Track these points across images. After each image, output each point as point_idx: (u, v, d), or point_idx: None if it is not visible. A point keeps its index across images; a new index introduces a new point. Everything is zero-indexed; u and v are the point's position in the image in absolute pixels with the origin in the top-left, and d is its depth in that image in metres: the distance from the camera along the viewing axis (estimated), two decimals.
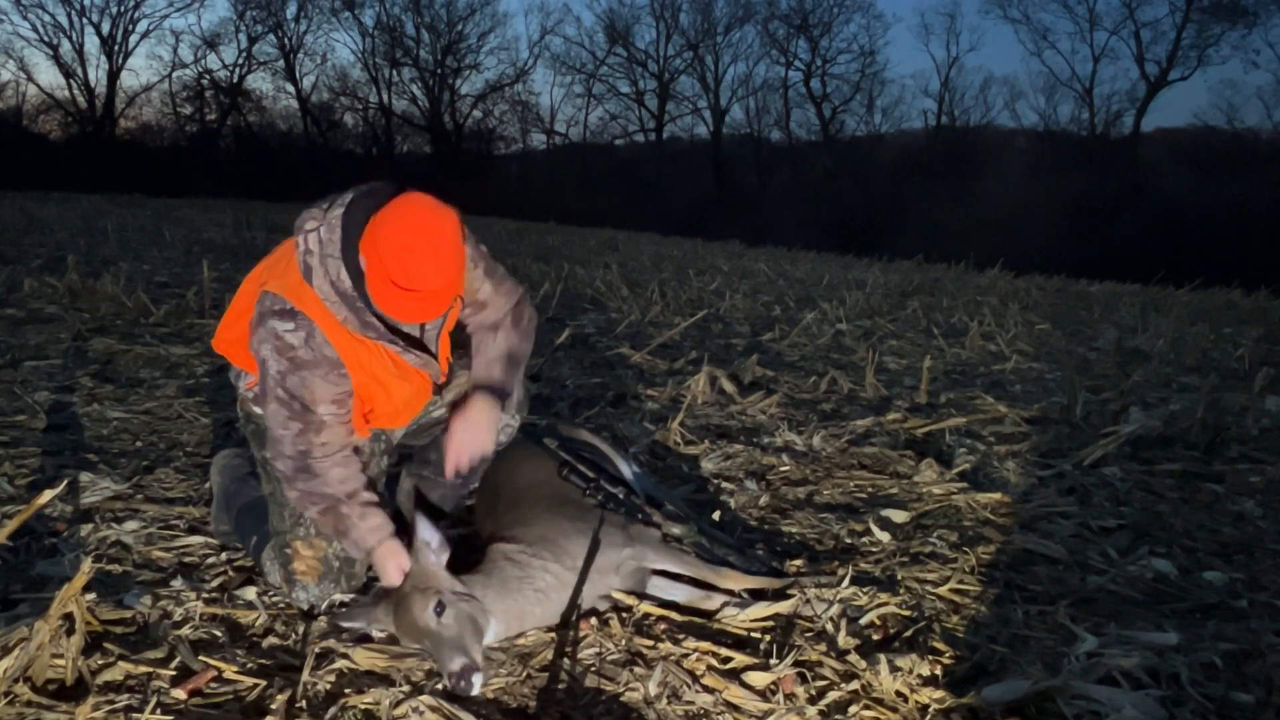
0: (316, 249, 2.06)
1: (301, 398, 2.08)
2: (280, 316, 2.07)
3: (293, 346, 2.07)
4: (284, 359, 2.07)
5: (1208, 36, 31.29)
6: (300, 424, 2.10)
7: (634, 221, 26.05)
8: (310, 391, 2.08)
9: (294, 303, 2.07)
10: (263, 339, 2.09)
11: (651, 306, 8.22)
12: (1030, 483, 3.49)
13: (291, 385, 2.08)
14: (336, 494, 2.15)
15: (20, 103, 34.20)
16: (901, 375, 5.76)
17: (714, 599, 2.29)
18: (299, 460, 2.12)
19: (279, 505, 2.31)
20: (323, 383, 2.09)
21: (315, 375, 2.08)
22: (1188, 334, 8.22)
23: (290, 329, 2.06)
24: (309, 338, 2.07)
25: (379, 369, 2.17)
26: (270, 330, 2.07)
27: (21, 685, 1.76)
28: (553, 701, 1.88)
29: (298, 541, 2.27)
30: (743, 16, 37.65)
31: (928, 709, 1.88)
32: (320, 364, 2.08)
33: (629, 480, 2.67)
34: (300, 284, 2.08)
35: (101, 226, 13.37)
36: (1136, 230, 24.39)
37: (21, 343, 5.13)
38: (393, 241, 1.90)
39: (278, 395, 2.09)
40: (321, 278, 2.06)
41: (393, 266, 1.89)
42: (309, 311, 2.06)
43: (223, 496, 2.59)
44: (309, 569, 2.26)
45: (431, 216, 1.94)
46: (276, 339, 2.07)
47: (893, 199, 30.59)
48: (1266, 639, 2.21)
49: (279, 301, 2.08)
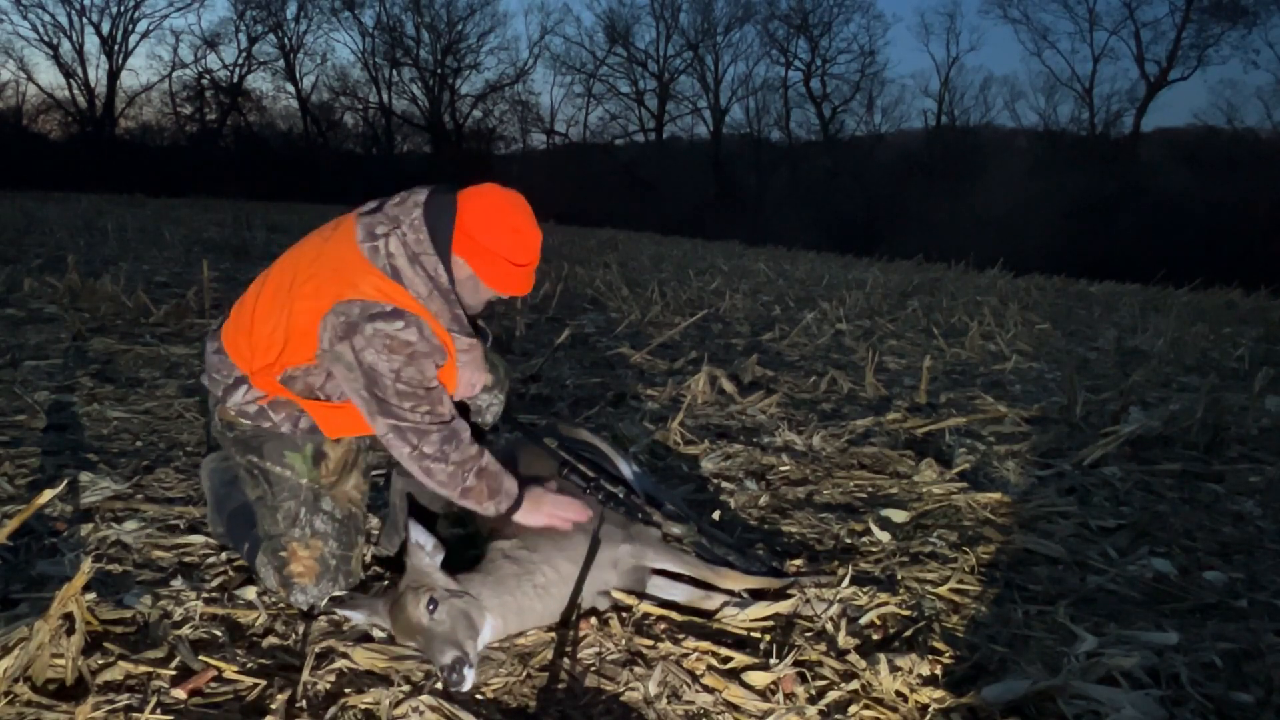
0: (401, 253, 2.14)
1: (421, 382, 2.15)
2: (385, 318, 2.10)
3: (410, 342, 2.12)
4: (400, 355, 2.11)
5: (1208, 36, 31.30)
6: (428, 404, 2.16)
7: (634, 221, 26.07)
8: (425, 373, 2.16)
9: (394, 304, 2.12)
10: (364, 345, 2.10)
11: (651, 306, 8.22)
12: (1030, 483, 3.49)
13: (409, 376, 2.13)
14: (476, 452, 2.22)
15: (20, 103, 34.22)
16: (901, 375, 5.76)
17: (714, 599, 2.29)
18: (441, 429, 2.17)
19: (270, 509, 2.30)
20: (431, 364, 2.18)
21: (429, 361, 2.16)
22: (1187, 334, 8.22)
23: (402, 326, 2.11)
24: (420, 329, 2.14)
25: (450, 365, 2.28)
26: (377, 332, 2.10)
27: (21, 685, 1.76)
28: (553, 701, 1.88)
29: (293, 543, 2.26)
30: (743, 16, 37.67)
31: (928, 709, 1.88)
32: (435, 352, 2.17)
33: (629, 480, 2.67)
34: (389, 285, 2.13)
35: (101, 226, 13.37)
36: (1136, 230, 24.38)
37: (21, 343, 5.13)
38: (502, 227, 2.13)
39: (398, 390, 2.13)
40: (415, 276, 2.14)
41: (509, 248, 2.13)
42: (409, 307, 2.13)
43: (214, 501, 2.58)
44: (306, 570, 2.26)
45: (516, 198, 2.20)
46: (388, 339, 2.10)
47: (893, 199, 30.59)
48: (1266, 639, 2.21)
49: (376, 307, 2.10)
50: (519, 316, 7.13)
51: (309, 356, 2.18)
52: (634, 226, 25.04)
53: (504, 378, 2.57)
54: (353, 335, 2.10)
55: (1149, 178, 29.57)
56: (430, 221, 2.16)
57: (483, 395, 2.49)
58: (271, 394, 2.26)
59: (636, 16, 42.94)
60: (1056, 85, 34.53)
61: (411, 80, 39.11)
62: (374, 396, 2.14)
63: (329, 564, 2.27)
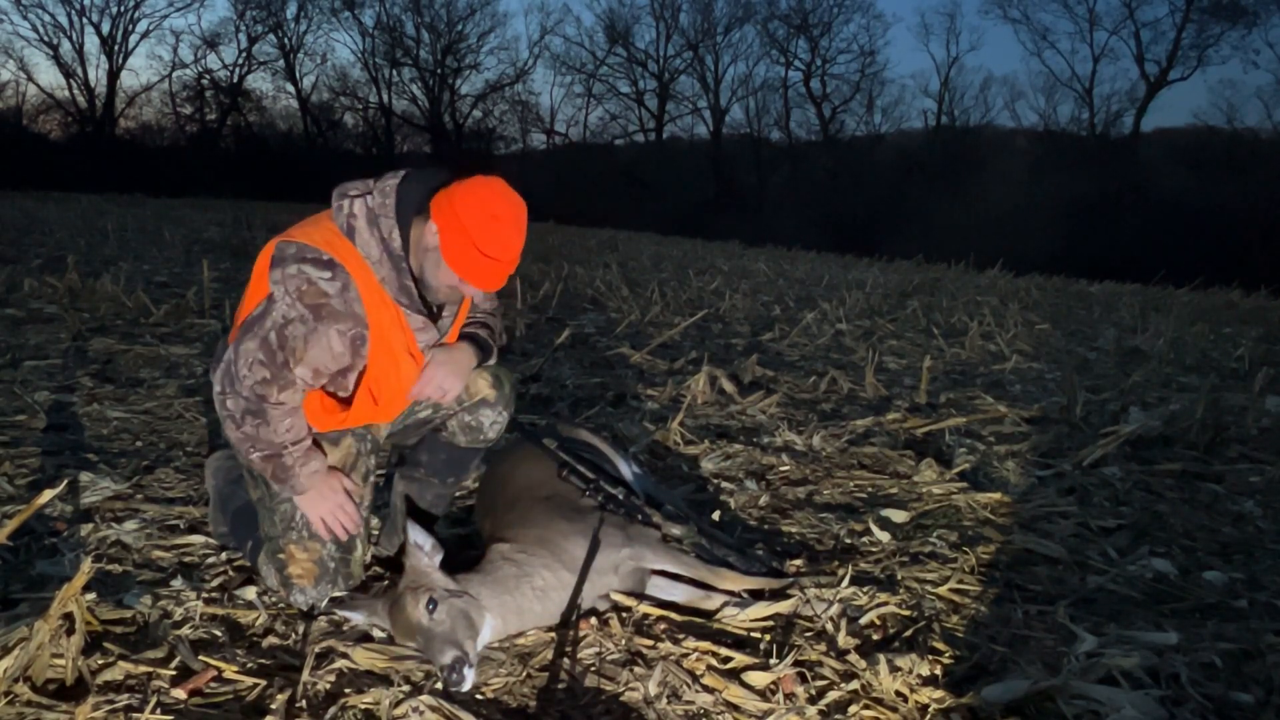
0: (363, 213, 2.09)
1: (291, 350, 2.04)
2: (315, 264, 2.03)
3: (325, 295, 2.03)
4: (304, 305, 2.02)
5: (1207, 36, 31.30)
6: (268, 373, 2.05)
7: (634, 221, 26.06)
8: (306, 348, 2.05)
9: (331, 254, 2.05)
10: (281, 279, 2.02)
11: (651, 306, 8.22)
12: (1030, 483, 3.49)
13: (292, 333, 2.03)
14: (282, 441, 2.13)
15: (20, 103, 34.21)
16: (901, 375, 5.76)
17: (714, 599, 2.29)
18: (253, 403, 2.07)
19: (268, 511, 2.29)
20: (327, 344, 2.06)
21: (333, 331, 2.06)
22: (1187, 334, 8.22)
23: (327, 277, 2.03)
24: (344, 289, 2.04)
25: (395, 340, 2.16)
26: (300, 273, 2.02)
27: (21, 685, 1.76)
28: (553, 701, 1.88)
29: (291, 545, 2.25)
30: (743, 16, 37.67)
31: (927, 709, 1.88)
32: (347, 318, 2.06)
33: (629, 480, 2.67)
34: (338, 239, 2.07)
35: (101, 226, 13.37)
36: (1136, 230, 24.40)
37: (21, 343, 5.13)
38: (481, 209, 2.01)
39: (267, 337, 2.03)
40: (369, 237, 2.08)
41: (478, 232, 2.00)
42: (347, 263, 2.05)
43: (218, 499, 2.58)
44: (304, 572, 2.25)
45: (514, 195, 2.08)
46: (306, 284, 2.02)
47: (892, 199, 30.59)
48: (1266, 639, 2.21)
49: (312, 251, 2.04)
50: (519, 317, 7.13)
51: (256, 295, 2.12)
52: (634, 226, 25.03)
53: (510, 395, 2.52)
54: (276, 268, 2.04)
55: (1149, 178, 29.58)
56: (401, 189, 2.10)
57: (485, 411, 2.46)
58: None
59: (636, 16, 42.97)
60: (1056, 85, 34.57)
61: (411, 80, 39.14)
62: (249, 324, 2.06)
63: (327, 566, 2.26)
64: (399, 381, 2.24)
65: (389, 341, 2.15)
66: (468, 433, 2.48)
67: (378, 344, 2.14)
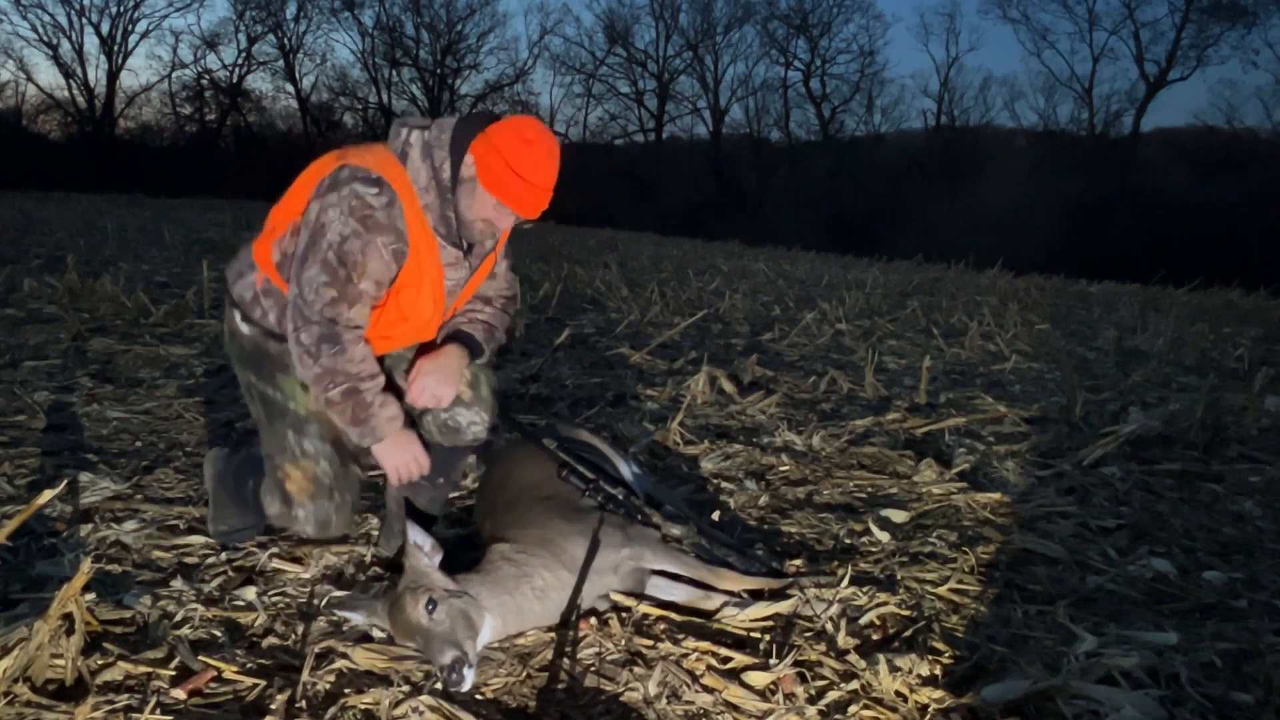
0: (418, 143, 2.18)
1: (353, 264, 2.11)
2: (365, 182, 2.11)
3: (371, 208, 2.10)
4: (355, 220, 2.09)
5: (1207, 36, 31.30)
6: (336, 292, 2.12)
7: (634, 221, 26.07)
8: (365, 260, 2.12)
9: (384, 175, 2.13)
10: (335, 201, 2.10)
11: (651, 306, 8.22)
12: (1030, 483, 3.49)
13: (350, 249, 2.10)
14: (359, 372, 2.17)
15: (20, 103, 34.20)
16: (901, 375, 5.76)
17: (713, 599, 2.29)
18: (326, 327, 2.13)
19: (265, 429, 2.35)
20: (381, 254, 2.13)
21: (379, 242, 2.12)
22: (1187, 334, 8.22)
23: (375, 193, 2.11)
24: (390, 204, 2.12)
25: (426, 265, 2.22)
26: (351, 192, 2.10)
27: (21, 685, 1.76)
28: (553, 701, 1.88)
29: (287, 463, 2.32)
30: (742, 16, 37.67)
31: (927, 709, 1.88)
32: (390, 231, 2.13)
33: (628, 480, 2.67)
34: (391, 163, 2.16)
35: (101, 226, 13.37)
36: (1136, 230, 24.40)
37: (21, 343, 5.13)
38: (516, 136, 2.10)
39: (327, 258, 2.10)
40: (420, 164, 2.17)
41: (512, 155, 2.08)
42: (395, 184, 2.13)
43: (217, 487, 2.57)
44: (300, 488, 2.31)
45: (547, 129, 2.16)
46: (355, 199, 2.10)
47: (892, 199, 30.59)
48: (1266, 639, 2.21)
49: (364, 172, 2.12)
50: (519, 317, 7.13)
51: (298, 210, 2.20)
52: (634, 226, 25.03)
53: (488, 397, 2.48)
54: (330, 192, 2.12)
55: (1148, 178, 29.59)
56: (459, 125, 2.18)
57: (461, 411, 2.43)
58: (264, 273, 2.28)
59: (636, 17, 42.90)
60: (1056, 85, 34.57)
61: (411, 80, 39.14)
62: (304, 254, 2.13)
63: (322, 482, 2.32)
64: (419, 311, 2.29)
65: (422, 265, 2.21)
66: (446, 433, 2.46)
67: (412, 265, 2.20)
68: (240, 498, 2.52)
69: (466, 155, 2.15)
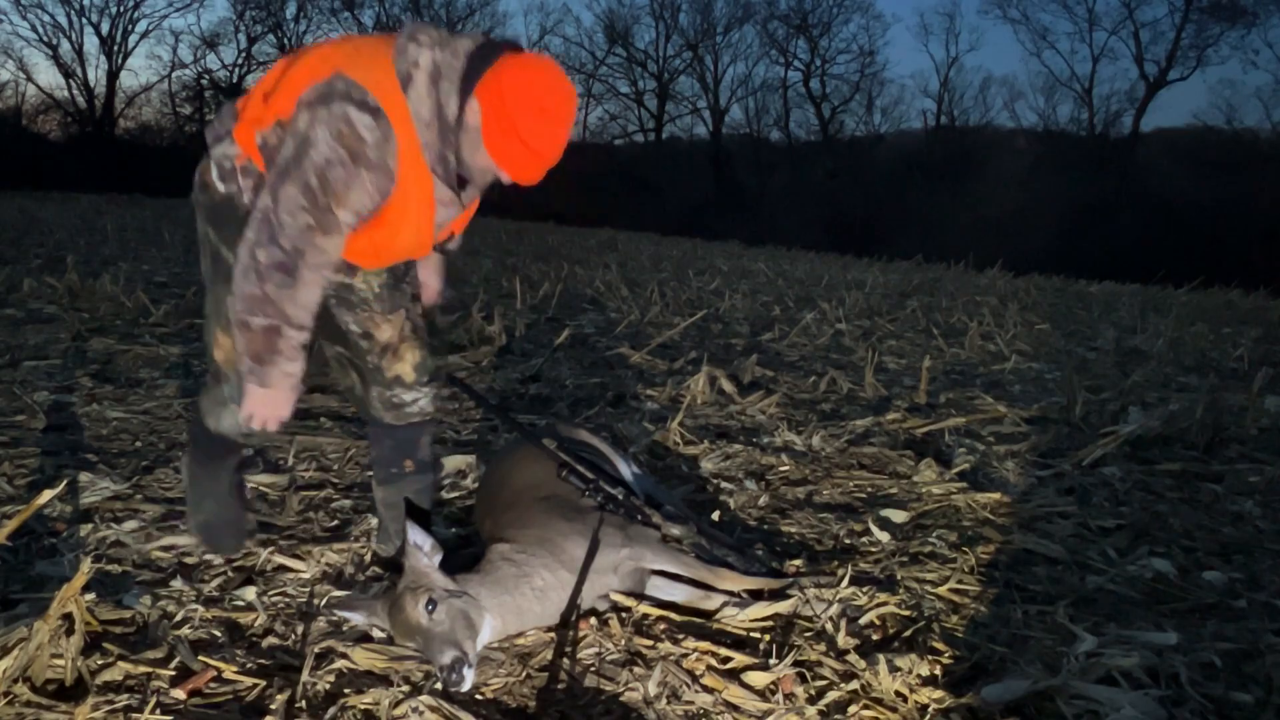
0: (427, 67, 1.97)
1: (334, 194, 1.95)
2: (361, 107, 1.92)
3: (363, 141, 1.93)
4: (343, 148, 1.92)
5: (1207, 36, 31.27)
6: (312, 219, 1.95)
7: (634, 221, 26.05)
8: (348, 192, 1.96)
9: (382, 103, 1.94)
10: (325, 119, 1.92)
11: (651, 306, 8.22)
12: (1030, 483, 3.49)
13: (335, 178, 1.93)
14: (293, 317, 2.00)
15: (20, 103, 34.18)
16: (901, 375, 5.76)
17: (713, 599, 2.29)
18: (291, 258, 1.96)
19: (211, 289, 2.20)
20: (365, 189, 1.98)
21: (367, 179, 1.96)
22: (1187, 334, 8.23)
23: (369, 124, 1.92)
24: (384, 140, 1.95)
25: (415, 203, 2.07)
26: (342, 114, 1.92)
27: (21, 685, 1.76)
28: (552, 701, 1.88)
29: (219, 329, 2.19)
30: (742, 17, 37.64)
31: (927, 709, 1.88)
32: (379, 169, 1.96)
33: (628, 480, 2.67)
34: (393, 87, 1.96)
35: (101, 226, 13.38)
36: (1136, 230, 24.38)
37: (21, 343, 5.13)
38: (531, 99, 1.92)
39: (308, 181, 1.93)
40: (425, 94, 1.97)
41: (524, 123, 1.92)
42: (392, 115, 1.95)
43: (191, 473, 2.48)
44: (228, 359, 2.18)
45: (566, 85, 1.97)
46: (347, 125, 1.92)
47: (892, 199, 30.59)
48: (1266, 639, 2.21)
49: (363, 93, 1.93)
50: (519, 317, 7.13)
51: (286, 111, 2.02)
52: (634, 226, 25.02)
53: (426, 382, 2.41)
54: (320, 106, 1.94)
55: (1148, 178, 29.58)
56: (474, 55, 1.98)
57: (401, 392, 2.38)
58: (246, 154, 2.12)
59: (636, 17, 42.94)
60: (1056, 85, 34.55)
61: None
62: (285, 167, 1.96)
63: None
64: (396, 244, 2.15)
65: (406, 206, 2.06)
66: (390, 409, 2.40)
67: (397, 203, 2.04)
68: (214, 480, 2.43)
69: (473, 100, 1.95)
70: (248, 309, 1.99)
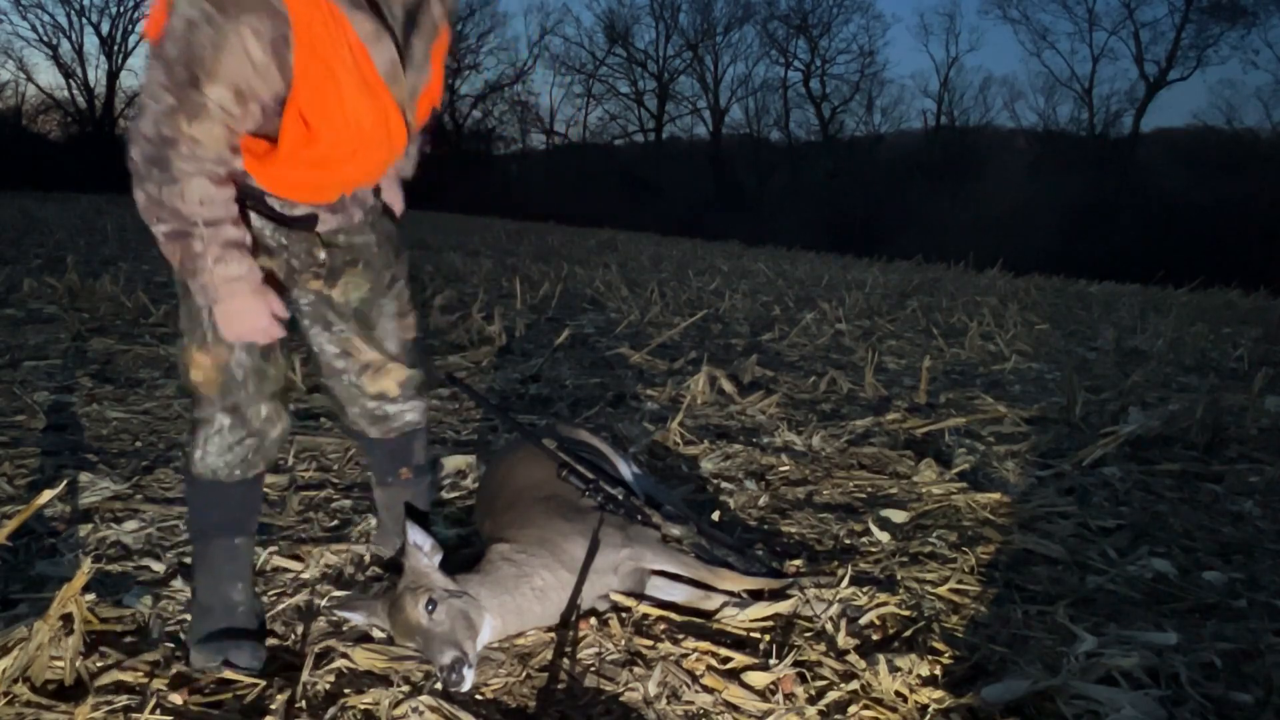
0: None
1: (198, 63, 1.58)
2: None
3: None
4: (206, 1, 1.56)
5: (1207, 37, 31.31)
6: (174, 99, 1.60)
7: (634, 221, 26.05)
8: (218, 58, 1.58)
9: None
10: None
11: (651, 306, 8.22)
12: (1030, 483, 3.49)
13: (197, 41, 1.57)
14: (191, 215, 1.68)
15: (20, 103, 34.25)
16: (901, 375, 5.76)
17: (713, 599, 2.29)
18: (157, 147, 1.63)
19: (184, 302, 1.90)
20: (243, 49, 1.58)
21: (244, 30, 1.57)
22: (1187, 334, 8.22)
23: None
24: None
25: (334, 57, 1.65)
26: None
27: (21, 685, 1.76)
28: (552, 701, 1.88)
29: (195, 348, 1.90)
30: (742, 17, 37.72)
31: (927, 709, 1.88)
32: (258, 10, 1.57)
33: (628, 480, 2.67)
34: None
35: (101, 226, 13.37)
36: (1136, 230, 24.40)
37: (21, 343, 5.13)
38: None
39: (167, 53, 1.60)
40: None
41: None
42: None
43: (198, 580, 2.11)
44: (206, 380, 1.91)
45: None
46: None
47: (892, 199, 30.60)
48: (1266, 639, 2.21)
49: None
50: (519, 317, 7.13)
51: None
52: (634, 226, 25.02)
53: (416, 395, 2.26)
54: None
55: (1148, 178, 29.60)
56: None
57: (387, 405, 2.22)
58: None
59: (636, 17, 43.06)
60: (1056, 85, 34.61)
61: None
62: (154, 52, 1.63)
63: (234, 375, 1.91)
64: (342, 109, 1.71)
65: (321, 50, 1.64)
66: (375, 422, 2.26)
67: (306, 52, 1.63)
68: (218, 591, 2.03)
69: None
70: (149, 219, 1.71)
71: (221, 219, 1.72)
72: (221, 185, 1.71)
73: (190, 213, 1.68)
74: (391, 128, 1.82)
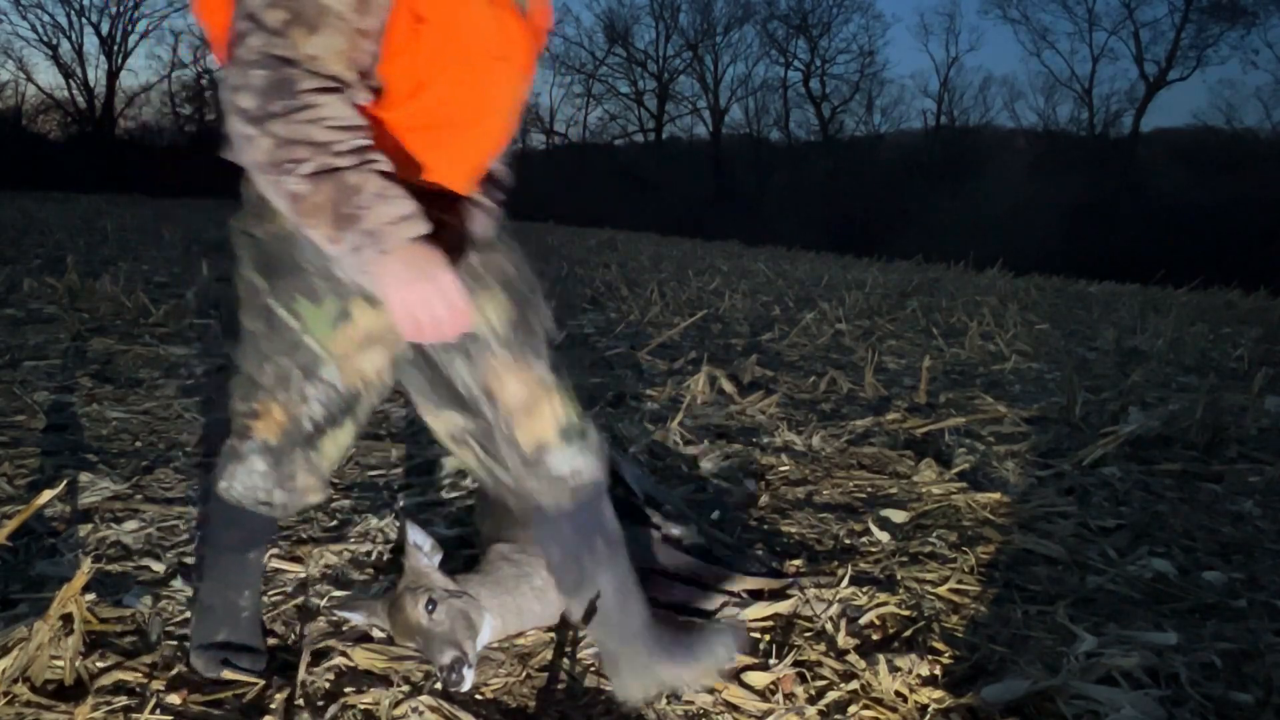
0: None
1: None
2: None
3: None
4: None
5: (1207, 37, 31.30)
6: (286, 10, 1.32)
7: (633, 221, 26.04)
8: None
9: None
10: None
11: (651, 306, 8.22)
12: (1030, 483, 3.49)
13: None
14: (336, 141, 1.35)
15: (20, 103, 34.25)
16: (901, 375, 5.76)
17: (713, 599, 2.29)
18: (273, 71, 1.32)
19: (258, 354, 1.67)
20: None
21: None
22: (1187, 334, 8.22)
23: None
24: None
25: None
26: None
27: (20, 685, 1.76)
28: (552, 701, 1.88)
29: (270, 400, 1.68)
30: (742, 17, 37.70)
31: (927, 709, 1.88)
32: None
33: (628, 481, 2.67)
34: None
35: (101, 226, 13.37)
36: (1136, 230, 24.39)
37: (21, 343, 5.13)
38: None
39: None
40: None
41: None
42: None
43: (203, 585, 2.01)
44: (271, 428, 1.71)
45: None
46: None
47: (892, 199, 30.58)
48: (1266, 639, 2.21)
49: None
50: None
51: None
52: (634, 226, 25.01)
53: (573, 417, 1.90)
54: None
55: (1148, 178, 29.61)
56: None
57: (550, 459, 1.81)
58: None
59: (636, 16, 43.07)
60: (1056, 85, 34.61)
61: None
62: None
63: (303, 428, 1.71)
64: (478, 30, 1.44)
65: None
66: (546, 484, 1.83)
67: None
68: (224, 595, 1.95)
69: None
70: (278, 173, 1.36)
71: (362, 124, 1.39)
72: (347, 100, 1.38)
73: (333, 139, 1.34)
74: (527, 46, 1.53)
